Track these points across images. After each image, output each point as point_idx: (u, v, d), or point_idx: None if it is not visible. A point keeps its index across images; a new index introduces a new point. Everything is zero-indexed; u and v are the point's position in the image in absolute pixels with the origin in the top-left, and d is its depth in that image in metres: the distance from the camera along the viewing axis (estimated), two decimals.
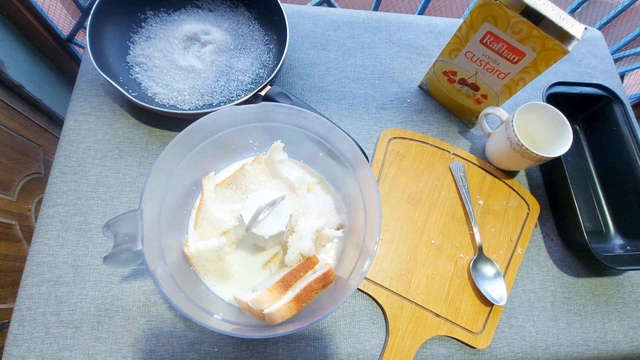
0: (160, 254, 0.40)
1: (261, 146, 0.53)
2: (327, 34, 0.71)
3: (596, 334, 0.55)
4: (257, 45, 0.62)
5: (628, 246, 0.59)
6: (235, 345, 0.48)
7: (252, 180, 0.49)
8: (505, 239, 0.58)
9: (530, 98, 0.71)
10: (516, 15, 0.46)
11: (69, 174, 0.54)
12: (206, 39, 0.60)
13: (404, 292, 0.52)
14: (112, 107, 0.59)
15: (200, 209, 0.47)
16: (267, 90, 0.54)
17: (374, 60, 0.70)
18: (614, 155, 0.64)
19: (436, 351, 0.51)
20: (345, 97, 0.66)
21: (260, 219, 0.42)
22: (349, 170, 0.47)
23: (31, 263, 0.49)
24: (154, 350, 0.47)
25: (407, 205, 0.58)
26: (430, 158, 0.61)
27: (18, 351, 0.45)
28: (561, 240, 0.61)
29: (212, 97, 0.57)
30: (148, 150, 0.57)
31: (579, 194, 0.65)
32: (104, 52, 0.56)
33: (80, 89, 0.60)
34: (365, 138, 0.63)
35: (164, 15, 0.62)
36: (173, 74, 0.57)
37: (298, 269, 0.42)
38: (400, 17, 0.76)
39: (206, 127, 0.44)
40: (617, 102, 0.65)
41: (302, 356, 0.49)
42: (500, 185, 0.61)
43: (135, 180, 0.55)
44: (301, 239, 0.44)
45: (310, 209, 0.48)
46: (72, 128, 0.57)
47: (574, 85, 0.66)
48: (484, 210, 0.59)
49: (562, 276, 0.58)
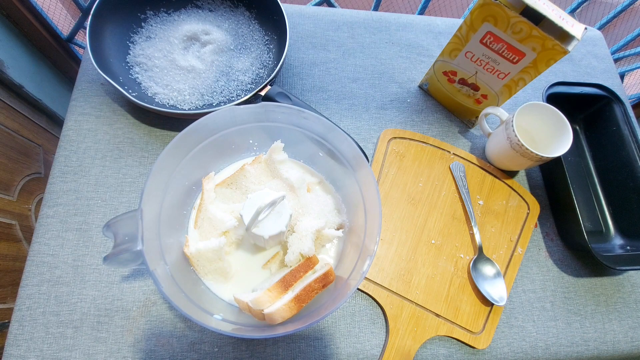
0: (160, 254, 0.39)
1: (261, 146, 0.53)
2: (327, 34, 0.71)
3: (596, 334, 0.55)
4: (257, 45, 0.62)
5: (628, 246, 0.59)
6: (235, 345, 0.48)
7: (252, 180, 0.49)
8: (505, 239, 0.58)
9: (530, 98, 0.71)
10: (516, 15, 0.46)
11: (69, 174, 0.54)
12: (206, 39, 0.60)
13: (404, 292, 0.52)
14: (112, 107, 0.59)
15: (200, 209, 0.47)
16: (267, 90, 0.54)
17: (374, 60, 0.70)
18: (614, 155, 0.64)
19: (436, 351, 0.51)
20: (345, 97, 0.66)
21: (260, 219, 0.42)
22: (349, 170, 0.47)
23: (31, 263, 0.49)
24: (154, 350, 0.47)
25: (407, 205, 0.58)
26: (430, 158, 0.61)
27: (18, 351, 0.45)
28: (561, 240, 0.61)
29: (212, 97, 0.57)
30: (148, 150, 0.57)
31: (579, 194, 0.65)
32: (104, 52, 0.56)
33: (80, 89, 0.60)
34: (365, 138, 0.63)
35: (164, 15, 0.62)
36: (173, 74, 0.57)
37: (298, 268, 0.42)
38: (400, 17, 0.76)
39: (206, 127, 0.44)
40: (617, 102, 0.65)
41: (302, 356, 0.49)
42: (500, 185, 0.61)
43: (135, 180, 0.55)
44: (301, 239, 0.44)
45: (310, 209, 0.48)
46: (72, 128, 0.57)
47: (574, 85, 0.66)
48: (484, 210, 0.59)
49: (562, 276, 0.58)
